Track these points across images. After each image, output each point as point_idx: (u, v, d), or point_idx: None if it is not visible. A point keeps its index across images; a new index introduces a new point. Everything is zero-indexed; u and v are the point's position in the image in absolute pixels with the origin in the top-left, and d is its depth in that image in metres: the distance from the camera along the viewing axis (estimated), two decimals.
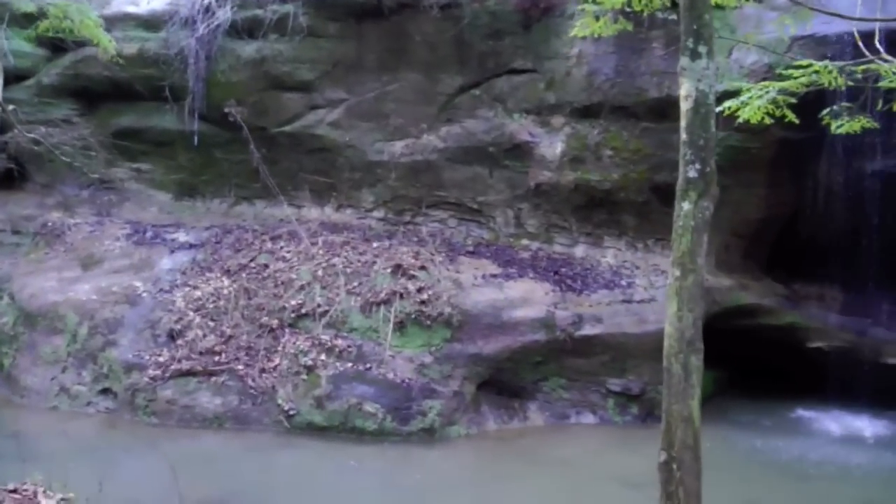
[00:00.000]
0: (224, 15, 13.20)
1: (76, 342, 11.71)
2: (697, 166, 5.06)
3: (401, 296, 11.65)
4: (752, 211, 12.73)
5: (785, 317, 12.80)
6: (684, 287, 5.04)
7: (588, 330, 11.71)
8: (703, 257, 5.11)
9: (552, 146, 12.93)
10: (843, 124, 8.24)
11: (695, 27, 5.17)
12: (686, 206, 5.11)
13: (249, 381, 10.83)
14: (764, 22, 11.65)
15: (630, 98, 12.33)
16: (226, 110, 13.53)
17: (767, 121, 8.00)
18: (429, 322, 11.45)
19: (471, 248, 13.16)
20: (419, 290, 11.74)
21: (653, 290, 12.24)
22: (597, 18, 8.04)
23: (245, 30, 13.42)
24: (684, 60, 5.15)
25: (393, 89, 13.44)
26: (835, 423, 11.92)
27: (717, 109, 5.67)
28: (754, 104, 7.67)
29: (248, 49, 13.50)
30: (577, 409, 11.77)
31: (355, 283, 11.95)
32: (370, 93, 13.50)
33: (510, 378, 11.74)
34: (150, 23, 13.83)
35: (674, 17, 12.16)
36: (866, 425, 11.85)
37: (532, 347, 11.60)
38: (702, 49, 5.13)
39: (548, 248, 13.30)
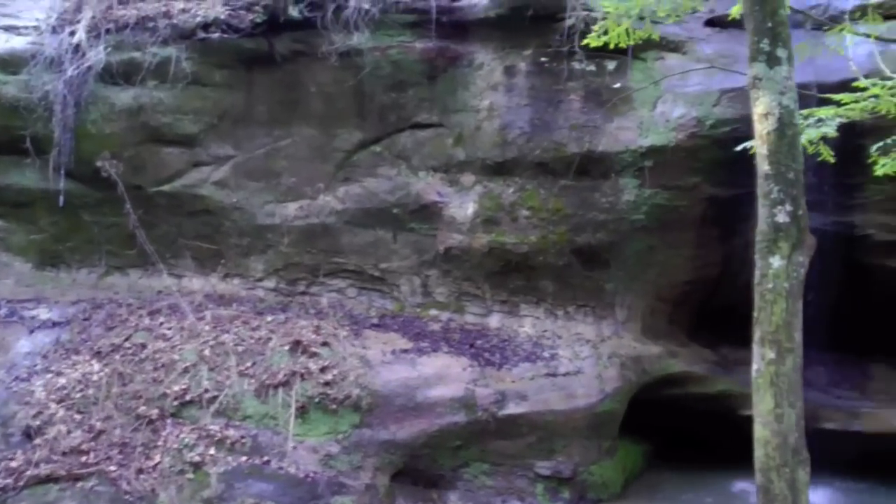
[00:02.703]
0: (96, 56, 11.67)
1: None
2: (788, 207, 3.89)
3: (302, 376, 10.30)
4: (679, 273, 12.01)
5: (717, 384, 12.01)
6: (782, 374, 3.85)
7: (512, 408, 10.59)
8: (801, 332, 3.98)
9: (463, 206, 11.93)
10: (889, 163, 7.49)
11: (769, 25, 4.07)
12: (777, 262, 3.93)
13: (124, 485, 9.16)
14: (688, 73, 11.12)
15: (548, 154, 11.45)
16: (99, 164, 11.91)
17: None
18: (334, 406, 10.13)
19: (376, 321, 11.92)
20: (322, 370, 10.41)
21: (578, 362, 11.30)
22: (618, 23, 6.84)
23: (121, 74, 11.90)
24: (759, 68, 4.08)
25: (285, 145, 12.19)
26: None
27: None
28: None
29: (124, 96, 12.00)
30: (502, 498, 10.56)
31: (248, 364, 10.51)
32: (260, 149, 12.22)
33: (427, 466, 10.46)
34: (10, 63, 12.13)
35: (592, 67, 11.56)
36: (810, 496, 11.14)
37: (451, 430, 10.38)
38: (781, 53, 4.05)
39: (459, 319, 12.20)
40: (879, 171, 7.77)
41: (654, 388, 11.81)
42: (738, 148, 8.53)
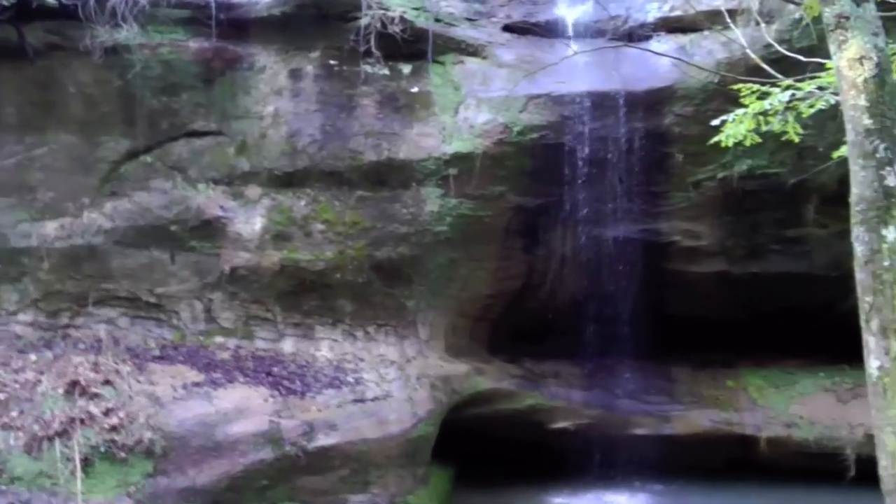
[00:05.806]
0: None
1: None
2: None
3: (82, 422, 9.11)
4: (481, 287, 11.95)
5: (525, 399, 12.10)
6: None
7: (322, 440, 10.07)
8: None
9: (250, 222, 11.23)
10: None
11: None
12: (892, 234, 3.46)
13: None
14: (490, 78, 11.16)
15: (343, 163, 11.01)
16: None
17: (751, 140, 7.29)
18: (124, 454, 9.05)
19: (157, 353, 10.87)
20: (106, 413, 9.28)
21: (386, 385, 10.98)
22: None
23: None
24: (844, 4, 3.68)
25: (41, 154, 10.89)
26: None
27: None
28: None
29: None
30: None
31: (14, 413, 9.14)
32: (10, 158, 10.83)
33: None
34: None
35: (386, 71, 11.27)
36: (629, 502, 11.74)
37: (257, 469, 9.68)
38: None
39: (249, 345, 11.46)
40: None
41: (460, 407, 11.72)
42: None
